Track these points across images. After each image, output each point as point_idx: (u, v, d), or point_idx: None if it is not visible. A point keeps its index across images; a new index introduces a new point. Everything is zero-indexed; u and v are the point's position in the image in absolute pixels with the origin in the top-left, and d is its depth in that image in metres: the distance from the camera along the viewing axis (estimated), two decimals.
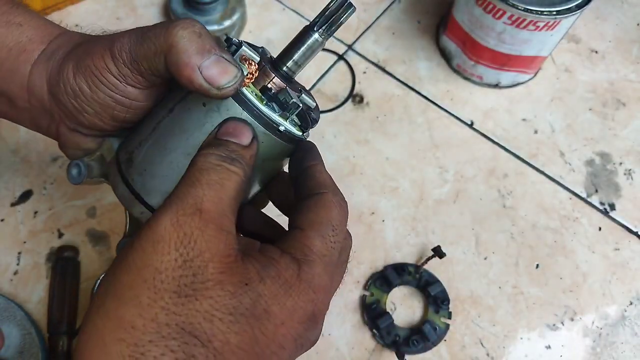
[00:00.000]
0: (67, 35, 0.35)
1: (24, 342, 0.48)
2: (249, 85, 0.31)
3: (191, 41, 0.28)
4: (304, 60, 0.32)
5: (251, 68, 0.31)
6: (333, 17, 0.30)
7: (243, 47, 0.31)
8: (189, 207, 0.26)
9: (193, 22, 0.29)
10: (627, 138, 0.63)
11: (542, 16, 0.54)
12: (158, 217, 0.26)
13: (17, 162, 0.58)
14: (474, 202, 0.59)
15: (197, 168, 0.28)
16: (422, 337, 0.50)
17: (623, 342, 0.52)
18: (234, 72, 0.28)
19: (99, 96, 0.32)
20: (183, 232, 0.25)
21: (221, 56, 0.29)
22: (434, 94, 0.65)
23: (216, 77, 0.28)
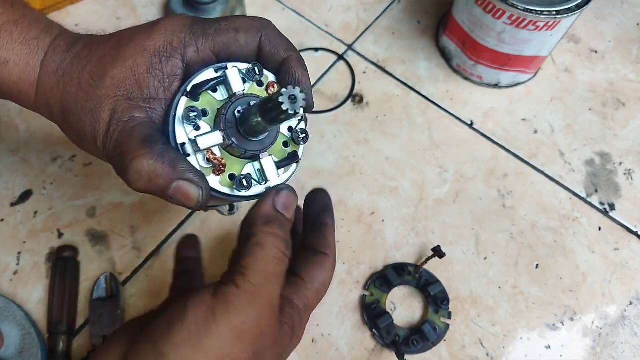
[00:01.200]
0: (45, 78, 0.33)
1: (23, 342, 0.48)
2: (222, 175, 0.31)
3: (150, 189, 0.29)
4: (254, 135, 0.31)
5: (216, 161, 0.31)
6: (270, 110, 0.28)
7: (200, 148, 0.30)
8: (268, 305, 0.29)
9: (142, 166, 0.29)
10: (627, 138, 0.63)
11: (542, 16, 0.54)
12: (242, 309, 0.28)
13: (17, 162, 0.58)
14: (474, 202, 0.59)
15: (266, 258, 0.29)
16: (422, 337, 0.50)
17: (623, 342, 0.52)
18: (196, 196, 0.29)
19: None
20: (260, 330, 0.28)
21: (180, 181, 0.29)
22: (433, 94, 0.65)
23: (185, 202, 0.30)
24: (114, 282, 0.52)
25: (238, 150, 0.31)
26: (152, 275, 0.53)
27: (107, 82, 0.31)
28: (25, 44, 0.33)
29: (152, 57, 0.31)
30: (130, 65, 0.31)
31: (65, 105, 0.33)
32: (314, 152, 0.61)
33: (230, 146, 0.31)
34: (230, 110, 0.31)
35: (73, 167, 0.58)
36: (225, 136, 0.30)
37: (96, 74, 0.32)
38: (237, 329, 0.27)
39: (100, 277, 0.52)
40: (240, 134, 0.31)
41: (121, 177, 0.31)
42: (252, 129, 0.30)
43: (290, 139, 0.34)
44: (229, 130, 0.31)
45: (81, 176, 0.58)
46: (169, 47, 0.31)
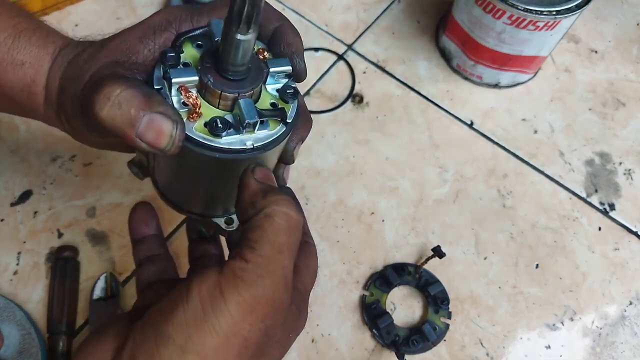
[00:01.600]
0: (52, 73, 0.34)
1: (23, 342, 0.48)
2: (198, 118, 0.29)
3: (115, 117, 0.27)
4: (236, 60, 0.28)
5: (191, 100, 0.28)
6: (244, 12, 0.26)
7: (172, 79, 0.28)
8: (281, 277, 0.26)
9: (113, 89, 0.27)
10: (627, 138, 0.64)
11: (542, 16, 0.54)
12: (252, 282, 0.26)
13: (17, 162, 0.58)
14: (474, 202, 0.59)
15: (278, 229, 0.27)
16: (422, 337, 0.50)
17: (623, 342, 0.52)
18: (169, 130, 0.26)
19: None
20: (272, 305, 0.26)
21: (153, 114, 0.26)
22: (433, 94, 0.65)
23: (154, 142, 0.27)
24: (114, 282, 0.52)
25: (215, 89, 0.28)
26: None
27: (101, 54, 0.31)
28: (41, 47, 0.33)
29: (147, 29, 0.31)
30: (124, 37, 0.31)
31: (62, 86, 0.32)
32: (314, 152, 0.61)
33: (207, 88, 0.29)
34: (210, 51, 0.29)
35: (73, 167, 0.58)
36: (201, 75, 0.28)
37: (94, 52, 0.32)
38: (247, 303, 0.25)
39: (100, 277, 0.52)
40: (218, 73, 0.29)
41: (88, 115, 0.28)
42: (226, 55, 0.28)
43: (279, 98, 0.31)
44: (206, 70, 0.29)
45: (81, 176, 0.58)
46: (164, 22, 0.31)
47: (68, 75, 0.32)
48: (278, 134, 0.30)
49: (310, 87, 0.65)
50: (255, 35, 0.27)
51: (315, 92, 0.65)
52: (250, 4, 0.25)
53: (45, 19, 0.67)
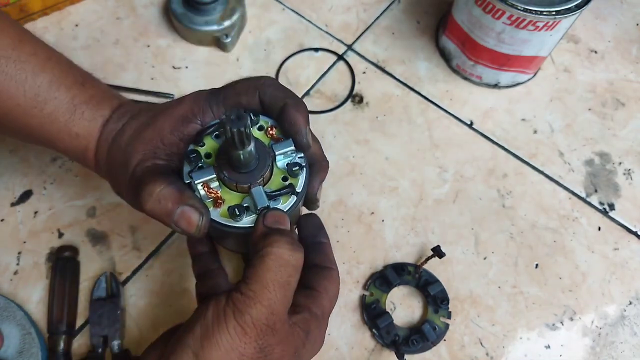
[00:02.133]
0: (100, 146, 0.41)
1: (23, 342, 0.48)
2: (221, 206, 0.35)
3: (155, 210, 0.34)
4: (246, 162, 0.34)
5: (212, 194, 0.35)
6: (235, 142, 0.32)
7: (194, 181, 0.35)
8: (266, 308, 0.33)
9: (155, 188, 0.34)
10: (627, 138, 0.64)
11: (542, 16, 0.54)
12: (243, 310, 0.33)
13: (17, 162, 0.58)
14: (474, 202, 0.59)
15: (266, 268, 0.33)
16: (422, 336, 0.50)
17: (622, 341, 0.52)
18: (196, 221, 0.34)
19: None
20: (260, 328, 0.33)
21: (185, 206, 0.34)
22: (433, 94, 0.65)
23: (186, 228, 0.34)
24: (114, 282, 0.52)
25: (230, 182, 0.35)
26: (152, 275, 0.54)
27: (138, 144, 0.38)
28: (93, 120, 0.41)
29: (176, 121, 0.38)
30: (158, 128, 0.38)
31: (110, 163, 0.40)
32: None
33: (224, 180, 0.35)
34: (223, 149, 0.36)
35: (73, 167, 0.58)
36: (217, 171, 0.35)
37: (133, 137, 0.39)
38: (240, 327, 0.32)
39: (100, 277, 0.52)
40: (231, 168, 0.35)
41: (137, 205, 0.36)
42: (235, 159, 0.34)
43: (287, 172, 0.36)
44: (222, 166, 0.35)
45: (81, 176, 0.58)
46: (190, 113, 0.38)
47: (113, 155, 0.40)
48: (290, 205, 0.36)
49: (310, 87, 0.65)
50: (252, 144, 0.33)
51: (315, 92, 0.65)
52: (239, 137, 0.31)
53: (45, 19, 0.67)
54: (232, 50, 0.67)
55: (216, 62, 0.66)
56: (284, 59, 0.67)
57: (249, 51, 0.67)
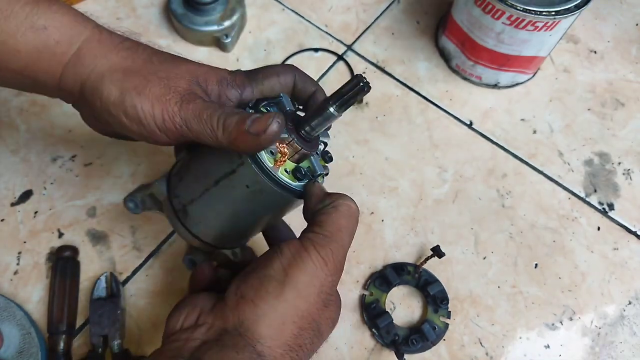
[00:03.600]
0: (97, 39, 0.37)
1: (23, 342, 0.48)
2: (283, 164, 0.37)
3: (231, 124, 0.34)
4: (320, 127, 0.37)
5: (283, 150, 0.36)
6: (347, 98, 0.35)
7: None
8: (341, 247, 0.35)
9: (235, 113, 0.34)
10: (626, 138, 0.64)
11: (541, 16, 0.54)
12: (324, 245, 0.35)
13: (17, 162, 0.58)
14: (473, 202, 0.59)
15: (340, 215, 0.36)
16: (422, 336, 0.50)
17: (622, 341, 0.52)
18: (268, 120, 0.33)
19: (133, 129, 0.37)
20: (336, 265, 0.35)
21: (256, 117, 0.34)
22: (433, 94, 0.66)
23: (256, 128, 0.34)
24: (114, 282, 0.52)
25: (298, 146, 0.37)
26: (152, 275, 0.54)
27: (183, 69, 0.37)
28: (65, 15, 0.37)
29: (221, 78, 0.39)
30: (204, 70, 0.38)
31: (126, 67, 0.37)
32: None
33: (291, 144, 0.37)
34: (289, 118, 0.38)
35: (73, 167, 0.58)
36: (289, 133, 0.36)
37: (171, 60, 0.38)
38: (321, 258, 0.34)
39: (100, 277, 0.52)
40: (298, 134, 0.37)
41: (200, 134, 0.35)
42: (318, 124, 0.36)
43: (321, 158, 0.40)
44: (289, 130, 0.37)
45: (81, 176, 0.58)
46: (233, 81, 0.39)
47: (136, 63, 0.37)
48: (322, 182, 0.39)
49: None
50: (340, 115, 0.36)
51: None
52: (357, 96, 0.35)
53: None
54: (232, 50, 0.67)
55: (216, 62, 0.66)
56: (283, 59, 0.67)
57: (249, 51, 0.67)
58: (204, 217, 0.40)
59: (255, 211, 0.39)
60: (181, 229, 0.41)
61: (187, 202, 0.40)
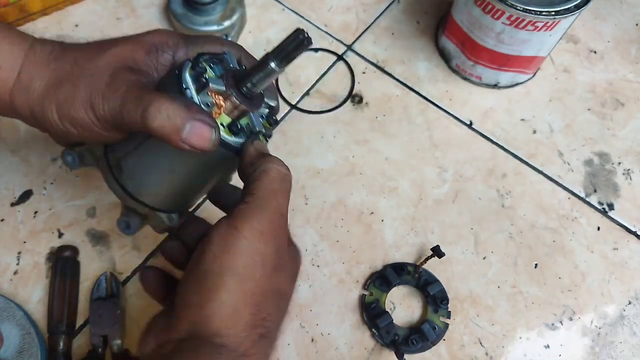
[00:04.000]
0: (32, 60, 0.37)
1: (23, 342, 0.48)
2: (219, 117, 0.35)
3: (165, 127, 0.32)
4: (261, 83, 0.36)
5: (218, 102, 0.35)
6: (288, 52, 0.34)
7: (210, 84, 0.34)
8: (276, 212, 0.34)
9: (162, 103, 0.32)
10: (626, 138, 0.64)
11: (541, 16, 0.54)
12: (259, 216, 0.33)
13: (17, 162, 0.58)
14: (473, 202, 0.59)
15: (271, 179, 0.34)
16: (422, 336, 0.50)
17: (622, 341, 0.52)
18: (209, 135, 0.32)
19: (84, 136, 0.37)
20: (275, 230, 0.33)
21: (194, 121, 0.32)
22: (433, 94, 0.66)
23: (196, 144, 0.32)
24: (114, 281, 0.52)
25: (236, 101, 0.35)
26: None
27: (107, 57, 0.35)
28: (8, 37, 0.37)
29: (150, 46, 0.37)
30: (130, 48, 0.36)
31: (56, 79, 0.36)
32: (313, 152, 0.61)
33: (229, 98, 0.35)
34: (230, 74, 0.36)
35: None
36: (227, 87, 0.35)
37: (94, 52, 0.36)
38: (255, 229, 0.32)
39: (100, 277, 0.52)
40: (238, 89, 0.36)
41: (131, 122, 0.33)
42: (259, 80, 0.35)
43: (266, 121, 0.39)
44: (229, 85, 0.35)
45: (81, 176, 0.58)
46: (165, 45, 0.37)
47: (62, 70, 0.36)
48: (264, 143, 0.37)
49: (310, 87, 0.65)
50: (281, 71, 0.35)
51: (315, 92, 0.65)
52: (298, 50, 0.34)
53: (45, 19, 0.67)
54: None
55: None
56: None
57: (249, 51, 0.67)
58: (136, 172, 0.38)
59: (189, 167, 0.37)
60: (115, 185, 0.39)
61: (122, 156, 0.38)
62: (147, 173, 0.38)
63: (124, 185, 0.39)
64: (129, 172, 0.38)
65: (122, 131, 0.35)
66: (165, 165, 0.37)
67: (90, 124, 0.35)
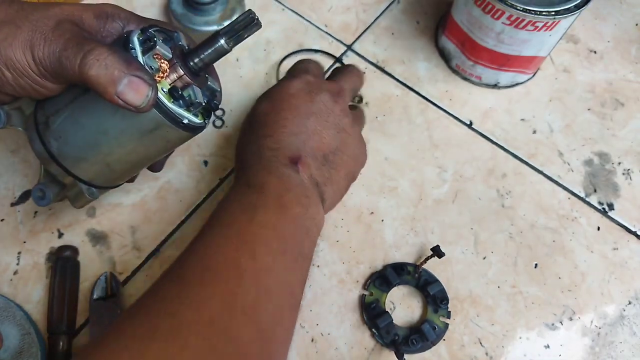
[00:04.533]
0: None
1: (23, 342, 0.48)
2: (160, 81, 0.35)
3: (101, 76, 0.31)
4: (210, 60, 0.37)
5: (163, 66, 0.35)
6: (238, 30, 0.36)
7: (157, 46, 0.35)
8: None
9: (102, 53, 0.32)
10: (626, 138, 0.64)
11: (541, 16, 0.54)
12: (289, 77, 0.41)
13: (17, 162, 0.58)
14: (473, 201, 0.59)
15: None
16: (421, 336, 0.51)
17: (622, 341, 0.52)
18: (146, 91, 0.32)
19: (18, 82, 0.35)
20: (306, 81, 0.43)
21: (132, 76, 0.32)
22: (433, 94, 0.66)
23: (131, 99, 0.32)
24: (114, 282, 0.52)
25: (180, 70, 0.35)
26: (152, 275, 0.54)
27: (56, 9, 0.35)
28: None
29: (100, 12, 0.37)
30: (80, 8, 0.36)
31: (2, 20, 0.35)
32: None
33: (174, 66, 0.35)
34: (178, 49, 0.37)
35: None
36: (174, 55, 0.35)
37: (44, 5, 0.35)
38: None
39: (100, 277, 0.52)
40: (184, 62, 0.36)
41: (68, 68, 0.33)
42: (207, 56, 0.36)
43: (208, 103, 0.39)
44: (177, 55, 0.36)
45: None
46: (116, 15, 0.38)
47: (8, 13, 0.35)
48: (199, 123, 0.38)
49: None
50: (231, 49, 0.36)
51: None
52: (247, 30, 0.36)
53: None
54: (231, 50, 0.67)
55: None
56: (281, 59, 0.67)
57: (249, 51, 0.67)
58: (65, 130, 0.35)
59: (121, 131, 0.35)
60: (38, 144, 0.37)
61: (52, 113, 0.36)
62: (75, 132, 0.35)
63: (48, 144, 0.36)
64: (56, 131, 0.36)
65: (59, 80, 0.35)
66: (95, 125, 0.35)
67: (27, 67, 0.34)
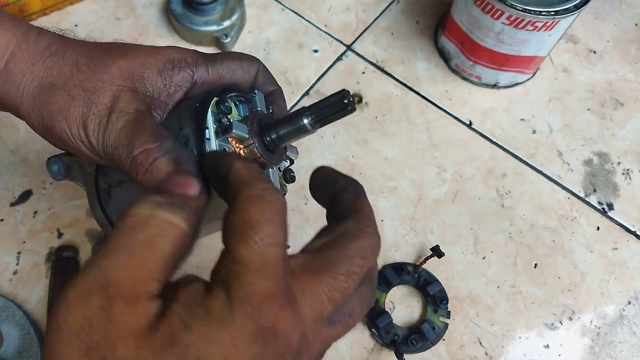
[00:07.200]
0: (25, 48, 0.33)
1: (23, 342, 0.48)
2: None
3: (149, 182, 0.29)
4: (289, 139, 0.32)
5: (237, 150, 0.32)
6: (327, 115, 0.31)
7: (233, 129, 0.31)
8: (91, 283, 0.22)
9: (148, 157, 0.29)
10: (625, 138, 0.64)
11: (541, 16, 0.54)
12: (58, 302, 0.22)
13: (17, 162, 0.58)
14: (473, 201, 0.59)
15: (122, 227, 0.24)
16: (421, 336, 0.51)
17: (621, 341, 0.52)
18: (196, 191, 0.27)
19: (69, 150, 0.33)
20: (82, 315, 0.21)
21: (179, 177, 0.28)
22: (432, 94, 0.66)
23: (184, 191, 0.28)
24: None
25: (257, 153, 0.32)
26: None
27: (113, 70, 0.31)
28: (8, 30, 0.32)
29: (165, 62, 0.32)
30: (141, 62, 0.32)
31: (52, 82, 0.32)
32: (313, 152, 0.61)
33: (249, 148, 0.32)
34: (256, 119, 0.33)
35: None
36: (250, 135, 0.31)
37: (100, 59, 0.32)
38: None
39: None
40: (260, 138, 0.32)
41: (119, 166, 0.31)
42: (287, 134, 0.32)
43: (282, 177, 0.35)
44: (253, 132, 0.32)
45: None
46: (183, 61, 0.33)
47: (61, 72, 0.32)
48: None
49: (310, 87, 0.65)
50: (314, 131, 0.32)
51: (315, 92, 0.65)
52: (338, 115, 0.30)
53: (45, 19, 0.67)
54: (231, 50, 0.67)
55: None
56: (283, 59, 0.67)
57: (249, 51, 0.67)
58: (126, 204, 0.34)
59: None
60: (98, 212, 0.36)
61: (115, 184, 0.35)
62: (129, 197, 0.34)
63: (109, 214, 0.35)
64: (117, 202, 0.35)
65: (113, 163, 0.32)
66: None
67: (81, 144, 0.32)
